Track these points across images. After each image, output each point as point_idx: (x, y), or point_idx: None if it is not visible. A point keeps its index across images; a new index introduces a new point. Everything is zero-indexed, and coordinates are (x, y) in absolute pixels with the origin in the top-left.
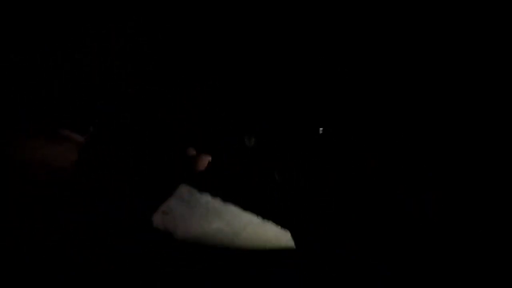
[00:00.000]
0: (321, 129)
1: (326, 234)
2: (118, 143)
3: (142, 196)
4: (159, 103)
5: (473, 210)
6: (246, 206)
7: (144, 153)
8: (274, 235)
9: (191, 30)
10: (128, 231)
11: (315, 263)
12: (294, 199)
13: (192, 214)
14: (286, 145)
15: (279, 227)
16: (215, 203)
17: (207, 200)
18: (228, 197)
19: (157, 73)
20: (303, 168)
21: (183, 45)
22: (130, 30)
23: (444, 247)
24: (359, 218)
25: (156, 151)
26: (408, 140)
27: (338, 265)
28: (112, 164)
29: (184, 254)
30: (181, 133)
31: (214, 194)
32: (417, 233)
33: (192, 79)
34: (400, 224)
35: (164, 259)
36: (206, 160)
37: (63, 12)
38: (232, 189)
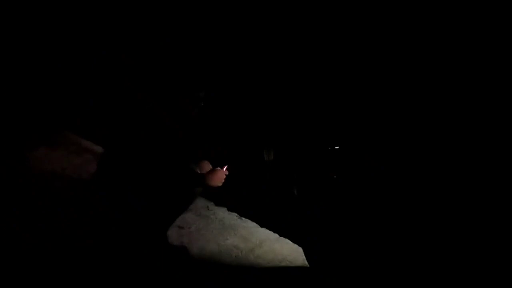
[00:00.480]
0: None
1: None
2: (134, 154)
3: (158, 209)
4: (169, 111)
5: (473, 210)
6: (263, 222)
7: (160, 165)
8: (291, 252)
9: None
10: (142, 245)
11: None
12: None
13: (208, 229)
14: (305, 159)
15: (296, 244)
16: (232, 219)
17: (224, 215)
18: (245, 213)
19: (165, 77)
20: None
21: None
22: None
23: (445, 247)
24: (364, 221)
25: (171, 163)
26: (408, 141)
27: (343, 268)
28: (128, 176)
29: (198, 269)
30: (195, 144)
31: (231, 209)
32: (418, 233)
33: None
34: (401, 224)
35: (178, 273)
36: (222, 174)
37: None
38: (249, 204)
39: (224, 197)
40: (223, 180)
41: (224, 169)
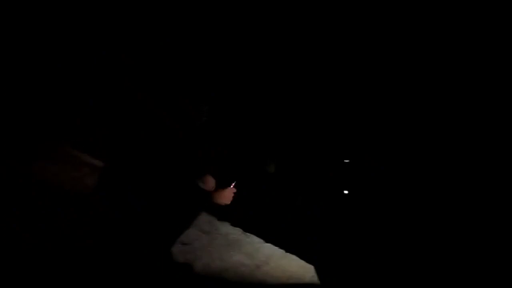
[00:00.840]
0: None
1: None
2: (134, 154)
3: (159, 210)
4: (169, 111)
5: (472, 209)
6: (268, 237)
7: (160, 165)
8: (298, 269)
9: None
10: (146, 262)
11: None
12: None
13: (212, 246)
14: (308, 169)
15: (303, 260)
16: (236, 234)
17: (227, 230)
18: (249, 227)
19: (165, 77)
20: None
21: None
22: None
23: (444, 246)
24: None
25: (175, 179)
26: (407, 141)
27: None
28: (128, 176)
29: (203, 286)
30: (195, 144)
31: (234, 224)
32: (419, 233)
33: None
34: (402, 224)
35: None
36: (231, 193)
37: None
38: (252, 219)
39: (226, 212)
40: (231, 199)
41: (232, 186)
